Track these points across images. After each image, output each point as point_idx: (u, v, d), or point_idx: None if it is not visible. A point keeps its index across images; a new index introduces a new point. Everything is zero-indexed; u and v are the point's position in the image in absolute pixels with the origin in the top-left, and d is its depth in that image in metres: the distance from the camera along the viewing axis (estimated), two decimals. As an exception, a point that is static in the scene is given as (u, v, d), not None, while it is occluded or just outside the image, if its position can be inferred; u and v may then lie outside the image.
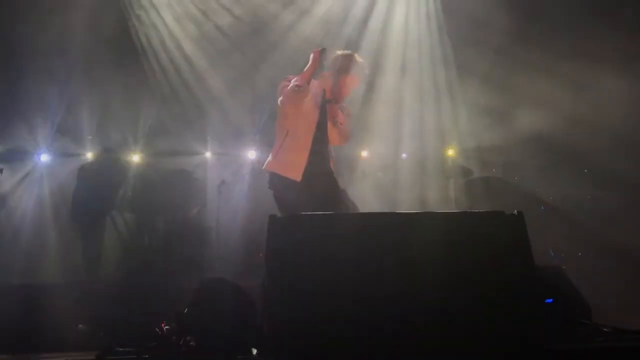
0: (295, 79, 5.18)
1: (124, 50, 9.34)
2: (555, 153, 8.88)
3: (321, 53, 5.30)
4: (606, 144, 8.31)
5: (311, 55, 5.29)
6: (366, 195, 9.35)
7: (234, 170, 9.79)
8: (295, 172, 5.18)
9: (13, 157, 9.31)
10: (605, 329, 4.48)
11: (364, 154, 10.03)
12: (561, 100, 8.63)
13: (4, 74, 8.99)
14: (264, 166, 5.38)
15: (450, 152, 10.09)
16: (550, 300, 4.58)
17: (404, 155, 10.02)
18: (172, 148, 9.62)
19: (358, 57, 5.51)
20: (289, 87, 5.16)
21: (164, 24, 9.44)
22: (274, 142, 5.42)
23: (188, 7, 9.43)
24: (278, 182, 5.22)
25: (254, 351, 4.18)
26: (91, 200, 8.33)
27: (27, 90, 9.08)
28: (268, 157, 5.40)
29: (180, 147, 9.68)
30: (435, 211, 4.06)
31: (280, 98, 5.28)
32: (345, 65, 5.42)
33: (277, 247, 3.82)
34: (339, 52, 5.53)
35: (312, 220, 3.99)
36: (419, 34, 9.70)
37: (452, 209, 9.01)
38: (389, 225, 3.89)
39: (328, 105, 5.41)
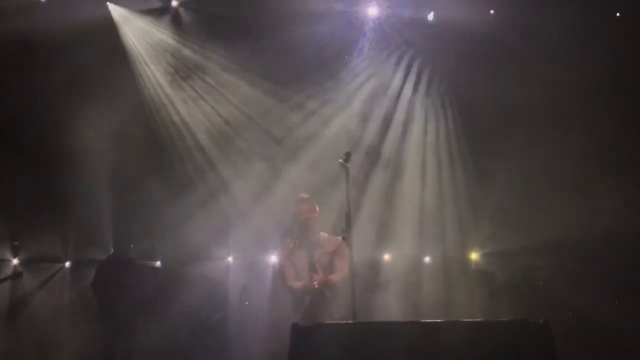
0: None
1: (150, 158, 9.61)
2: (581, 258, 8.82)
3: (346, 156, 5.58)
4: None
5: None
6: (389, 299, 9.27)
7: (255, 276, 9.76)
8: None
9: (38, 262, 9.45)
10: None
11: (386, 257, 9.98)
12: (585, 207, 8.70)
13: (29, 178, 9.25)
14: None
15: (474, 256, 10.03)
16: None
17: (426, 258, 9.98)
18: (194, 253, 9.67)
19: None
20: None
21: (191, 133, 9.76)
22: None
23: (214, 118, 9.79)
24: None
25: None
26: (114, 306, 8.31)
27: (54, 197, 9.33)
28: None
29: (202, 252, 9.72)
30: (458, 320, 4.01)
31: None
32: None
33: (299, 356, 3.79)
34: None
35: (335, 329, 3.98)
36: (437, 141, 9.95)
37: (476, 314, 8.87)
38: (412, 335, 3.85)
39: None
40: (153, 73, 9.65)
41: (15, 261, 9.45)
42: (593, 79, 9.06)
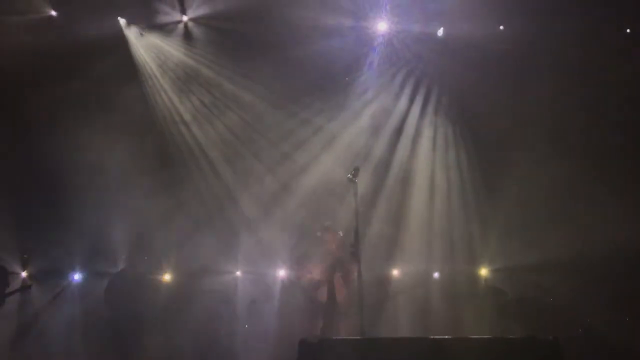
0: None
1: (160, 172, 9.65)
2: (591, 275, 8.75)
3: (354, 172, 5.61)
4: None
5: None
6: (398, 315, 9.23)
7: (264, 289, 9.73)
8: None
9: (47, 276, 9.47)
10: None
11: (395, 272, 9.94)
12: (595, 224, 8.66)
13: (38, 192, 9.30)
14: None
15: (483, 272, 9.97)
16: None
17: (435, 274, 9.93)
18: (203, 267, 9.66)
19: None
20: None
21: (200, 147, 9.81)
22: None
23: (223, 132, 9.83)
24: None
25: None
26: (123, 319, 8.30)
27: (64, 210, 9.36)
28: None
29: (211, 266, 9.71)
30: (467, 337, 3.98)
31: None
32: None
33: (307, 372, 3.77)
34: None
35: (343, 345, 3.96)
36: (446, 157, 9.96)
37: (485, 330, 8.81)
38: (420, 351, 3.83)
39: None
40: (163, 87, 9.72)
41: (24, 274, 9.48)
42: (602, 95, 9.06)
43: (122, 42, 9.46)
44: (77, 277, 9.67)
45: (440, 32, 9.61)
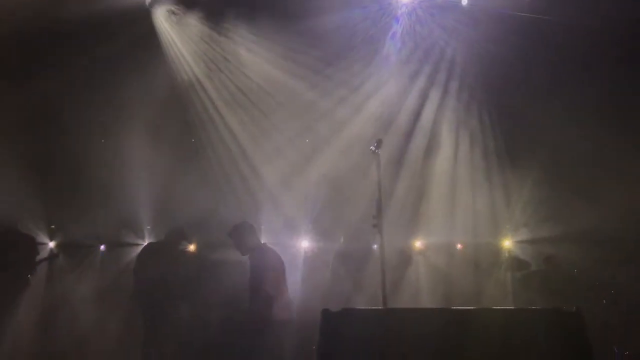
0: None
1: (182, 144, 9.72)
2: (616, 247, 8.67)
3: (377, 143, 5.61)
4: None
5: None
6: (420, 286, 9.25)
7: (286, 261, 9.78)
8: None
9: (73, 246, 9.63)
10: None
11: (418, 244, 9.94)
12: (620, 196, 8.55)
13: (65, 163, 9.41)
14: None
15: (506, 244, 9.93)
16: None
17: (458, 245, 9.91)
18: (227, 238, 9.73)
19: None
20: None
21: (224, 121, 9.83)
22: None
23: (246, 104, 9.83)
24: None
25: None
26: (150, 290, 8.39)
27: (89, 182, 9.47)
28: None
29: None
30: (489, 307, 3.98)
31: None
32: None
33: (329, 340, 3.80)
34: None
35: (364, 315, 3.98)
36: (470, 127, 9.86)
37: (509, 302, 8.82)
38: (444, 321, 3.83)
39: None
40: (185, 58, 9.72)
41: (51, 244, 9.65)
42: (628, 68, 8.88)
43: (144, 11, 9.44)
44: (102, 247, 9.82)
45: (465, 1, 9.45)
